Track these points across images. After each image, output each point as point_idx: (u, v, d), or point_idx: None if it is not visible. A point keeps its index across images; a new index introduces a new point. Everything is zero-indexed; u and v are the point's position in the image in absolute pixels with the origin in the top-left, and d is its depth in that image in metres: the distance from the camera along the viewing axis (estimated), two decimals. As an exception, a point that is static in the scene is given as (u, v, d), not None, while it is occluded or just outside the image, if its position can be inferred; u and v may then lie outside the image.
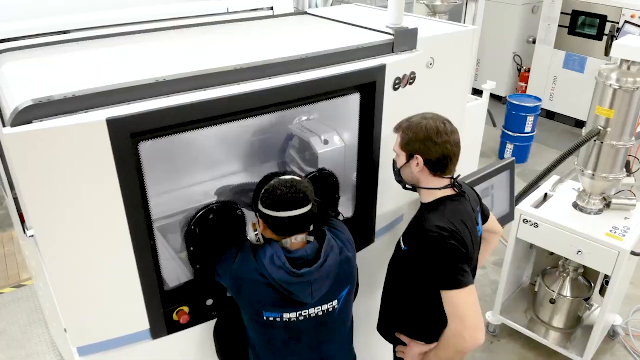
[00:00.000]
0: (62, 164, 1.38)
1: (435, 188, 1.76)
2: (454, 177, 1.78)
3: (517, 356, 3.56)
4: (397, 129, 1.80)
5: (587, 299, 3.41)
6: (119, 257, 1.56)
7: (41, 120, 1.36)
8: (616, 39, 6.33)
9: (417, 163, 1.75)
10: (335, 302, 1.71)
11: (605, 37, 6.43)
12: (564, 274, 3.43)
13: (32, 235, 2.18)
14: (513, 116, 5.83)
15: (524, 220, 3.19)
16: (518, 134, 5.82)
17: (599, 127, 2.92)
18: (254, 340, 1.73)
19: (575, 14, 6.68)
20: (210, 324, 1.84)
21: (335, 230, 1.75)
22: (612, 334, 3.70)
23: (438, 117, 1.73)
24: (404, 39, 1.96)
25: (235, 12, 2.44)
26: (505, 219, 2.57)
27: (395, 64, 1.92)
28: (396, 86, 1.97)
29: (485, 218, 2.01)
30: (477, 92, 6.39)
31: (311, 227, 1.68)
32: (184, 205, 2.03)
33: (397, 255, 1.89)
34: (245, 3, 2.50)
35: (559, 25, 6.81)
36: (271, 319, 1.64)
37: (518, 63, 7.51)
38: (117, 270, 1.58)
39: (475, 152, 4.13)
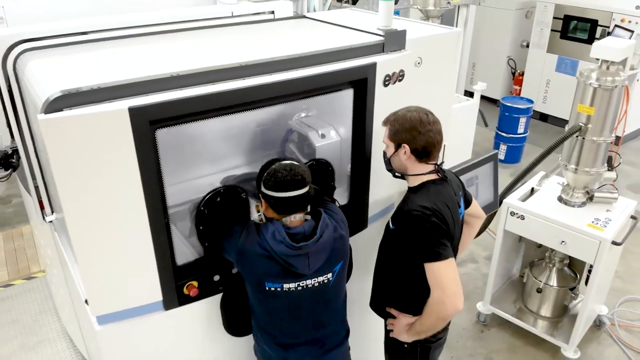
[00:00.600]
0: (89, 147, 1.57)
1: (421, 174, 1.96)
2: (438, 163, 1.97)
3: (506, 344, 3.74)
4: (385, 122, 2.00)
5: (572, 289, 3.60)
6: (136, 233, 1.75)
7: (71, 109, 1.55)
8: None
9: (405, 152, 1.95)
10: (330, 275, 1.90)
11: (596, 41, 6.64)
12: (550, 265, 3.62)
13: (51, 221, 2.39)
14: (506, 118, 6.04)
15: (511, 212, 3.39)
16: (511, 135, 6.02)
17: (581, 124, 3.12)
18: (256, 310, 1.92)
19: (567, 19, 6.90)
20: (217, 297, 2.03)
21: (330, 211, 1.95)
22: (598, 324, 3.88)
23: (421, 109, 1.94)
24: (394, 40, 2.16)
25: (239, 15, 2.64)
26: (490, 208, 2.76)
27: (385, 63, 2.13)
28: (386, 83, 2.17)
29: (468, 203, 2.20)
30: (472, 94, 6.64)
31: (309, 208, 1.87)
32: (191, 196, 2.21)
33: (386, 235, 2.09)
34: (248, 8, 2.71)
35: (551, 30, 7.04)
36: (272, 289, 1.83)
37: (512, 67, 7.73)
38: (134, 246, 1.77)
39: (468, 149, 4.34)
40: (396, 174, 2.06)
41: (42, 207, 2.43)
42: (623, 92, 3.18)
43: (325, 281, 1.89)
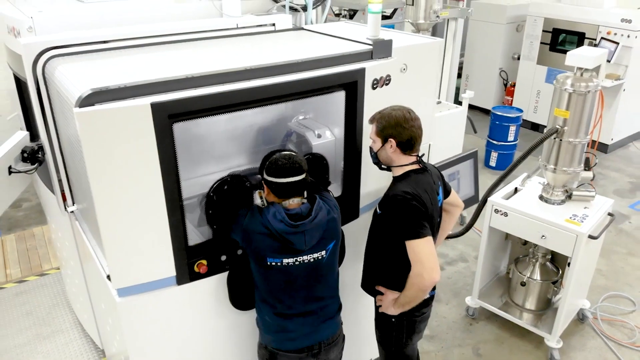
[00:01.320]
0: (116, 137, 1.85)
1: (405, 165, 2.23)
2: (419, 155, 2.25)
3: (493, 336, 3.98)
4: (372, 120, 2.28)
5: (555, 283, 3.85)
6: (155, 214, 2.01)
7: (101, 104, 1.83)
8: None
9: (391, 145, 2.22)
10: (323, 252, 2.16)
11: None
12: (534, 260, 3.87)
13: (72, 212, 2.65)
14: (497, 126, 6.33)
15: (495, 210, 3.65)
16: (502, 143, 6.31)
17: (557, 126, 3.40)
18: (259, 283, 2.18)
19: (556, 32, 7.25)
20: (224, 275, 2.29)
21: (325, 197, 2.21)
22: (581, 318, 4.12)
23: (404, 107, 2.22)
24: (381, 48, 2.45)
25: (243, 27, 2.94)
26: (471, 201, 3.03)
27: (373, 68, 2.41)
28: (374, 86, 2.46)
29: (447, 193, 2.47)
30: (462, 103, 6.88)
31: (305, 194, 2.14)
32: (199, 191, 2.46)
33: (374, 220, 2.35)
34: (251, 20, 3.01)
35: (541, 43, 7.38)
36: (273, 263, 2.10)
37: (504, 78, 8.06)
38: (152, 225, 2.03)
39: (457, 152, 4.62)
40: (382, 166, 2.33)
41: (64, 199, 2.69)
42: (597, 97, 3.46)
43: (320, 257, 2.15)
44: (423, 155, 2.30)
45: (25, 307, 3.94)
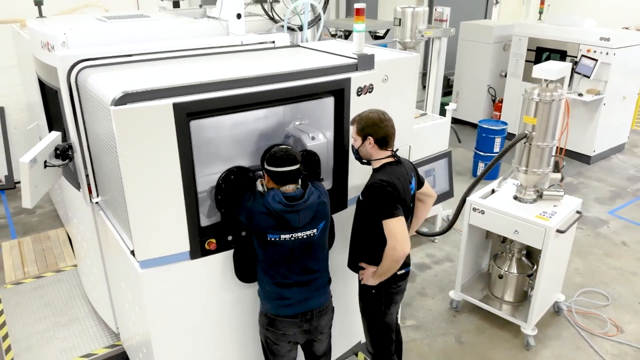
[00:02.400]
0: (144, 130, 2.28)
1: (382, 158, 2.67)
2: (393, 150, 2.69)
3: (475, 326, 4.35)
4: (353, 122, 2.72)
5: (530, 276, 4.24)
6: (173, 197, 2.44)
7: (132, 104, 2.27)
8: (575, 71, 7.41)
9: (370, 142, 2.66)
10: (315, 230, 2.58)
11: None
12: (510, 255, 4.27)
13: (96, 202, 3.07)
14: (483, 138, 6.78)
15: (473, 208, 4.07)
16: (488, 154, 6.75)
17: (526, 132, 3.84)
18: (261, 257, 2.59)
19: (539, 50, 7.77)
20: (230, 252, 2.70)
21: (316, 185, 2.64)
22: (557, 310, 4.50)
23: (379, 110, 2.67)
24: (364, 61, 2.90)
25: (247, 44, 3.40)
26: (446, 196, 3.46)
27: (358, 78, 2.87)
28: (359, 93, 2.91)
29: (420, 184, 2.92)
30: (456, 120, 7.51)
31: (299, 182, 2.57)
32: (208, 186, 2.87)
33: (357, 207, 2.78)
34: (254, 38, 3.47)
35: (526, 61, 7.89)
36: (273, 239, 2.51)
37: (492, 94, 8.56)
38: (171, 207, 2.45)
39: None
40: (363, 160, 2.77)
41: (90, 192, 3.11)
42: (562, 105, 3.91)
43: (312, 235, 2.57)
44: (397, 150, 2.74)
45: (43, 299, 4.32)
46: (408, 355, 4.01)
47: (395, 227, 2.52)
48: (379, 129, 2.62)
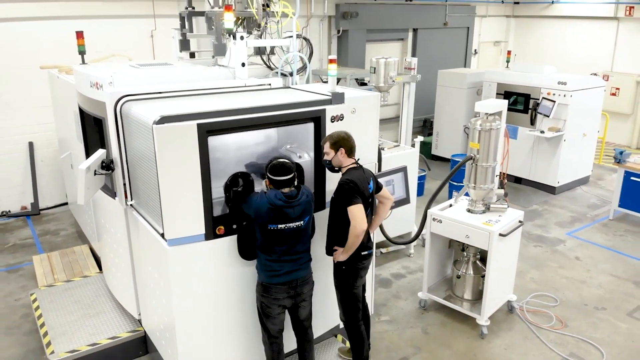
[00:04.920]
0: (176, 143, 3.31)
1: (348, 165, 3.69)
2: (356, 159, 3.72)
3: (439, 321, 5.23)
4: (325, 140, 3.74)
5: (483, 277, 5.15)
6: (195, 192, 3.43)
7: (168, 123, 3.31)
8: (537, 111, 8.55)
9: (342, 152, 3.68)
10: (302, 222, 3.57)
11: (530, 111, 8.63)
12: (467, 259, 5.21)
13: (130, 205, 4.08)
14: (456, 169, 7.82)
15: (433, 219, 5.05)
16: (460, 183, 7.75)
17: (472, 155, 4.88)
18: (260, 242, 3.56)
19: (507, 94, 8.94)
20: (234, 237, 3.67)
21: (305, 188, 3.64)
22: (510, 309, 5.38)
23: (343, 131, 3.71)
24: (337, 97, 3.98)
25: (249, 86, 4.49)
26: (403, 202, 4.44)
27: (331, 109, 3.93)
28: (332, 121, 3.96)
29: (378, 189, 3.92)
30: (437, 157, 8.74)
31: (293, 186, 3.56)
32: (220, 191, 3.87)
33: (331, 203, 3.78)
34: (255, 81, 4.57)
35: (496, 103, 9.05)
36: (272, 228, 3.49)
37: (468, 134, 9.67)
38: (193, 200, 3.44)
39: (413, 185, 6.07)
40: (335, 169, 3.78)
41: (126, 197, 4.11)
42: (501, 134, 4.96)
43: (300, 225, 3.57)
44: (359, 159, 3.78)
45: (73, 297, 5.21)
46: (380, 343, 4.88)
47: (355, 211, 3.53)
48: (347, 142, 3.66)
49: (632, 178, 7.38)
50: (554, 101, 8.25)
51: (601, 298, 5.71)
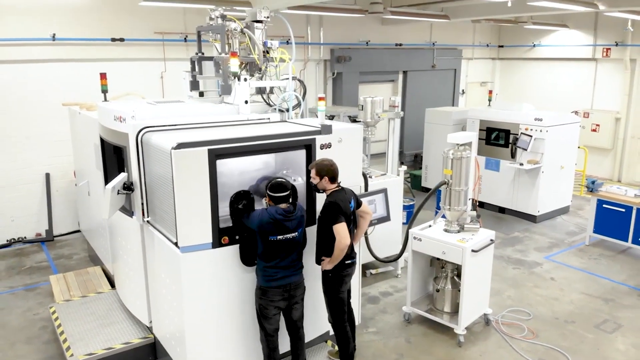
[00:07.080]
0: (190, 165, 4.04)
1: (331, 188, 4.41)
2: (339, 182, 4.43)
3: (421, 332, 5.82)
4: (312, 166, 4.46)
5: (459, 290, 5.77)
6: (204, 208, 4.13)
7: (184, 149, 4.04)
8: (516, 145, 9.31)
9: (326, 180, 4.40)
10: (297, 234, 4.25)
11: (510, 145, 9.42)
12: (445, 275, 5.85)
13: (147, 221, 4.78)
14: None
15: (414, 237, 5.72)
16: (445, 211, 8.45)
17: (445, 180, 5.60)
18: (261, 250, 4.22)
19: (489, 130, 9.75)
20: (236, 246, 4.34)
21: (299, 204, 4.35)
22: (486, 322, 5.98)
23: (327, 159, 4.44)
24: (325, 129, 4.73)
25: (251, 119, 5.27)
26: (384, 219, 5.14)
27: (321, 138, 4.69)
28: (322, 148, 4.71)
29: (359, 205, 4.62)
30: (425, 189, 9.51)
31: (289, 203, 4.26)
32: (225, 209, 4.57)
33: (317, 221, 4.47)
34: (256, 116, 5.35)
35: (479, 139, 9.84)
36: (272, 239, 4.17)
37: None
38: (203, 214, 4.14)
39: (399, 209, 6.78)
40: (320, 191, 4.49)
41: (143, 214, 4.80)
42: (472, 162, 5.69)
43: (295, 236, 4.26)
44: (341, 182, 4.50)
45: (89, 310, 5.81)
46: (367, 351, 5.46)
47: (339, 229, 4.23)
48: (330, 171, 4.39)
49: (604, 206, 8.07)
50: (531, 136, 9.04)
51: (572, 313, 6.31)
